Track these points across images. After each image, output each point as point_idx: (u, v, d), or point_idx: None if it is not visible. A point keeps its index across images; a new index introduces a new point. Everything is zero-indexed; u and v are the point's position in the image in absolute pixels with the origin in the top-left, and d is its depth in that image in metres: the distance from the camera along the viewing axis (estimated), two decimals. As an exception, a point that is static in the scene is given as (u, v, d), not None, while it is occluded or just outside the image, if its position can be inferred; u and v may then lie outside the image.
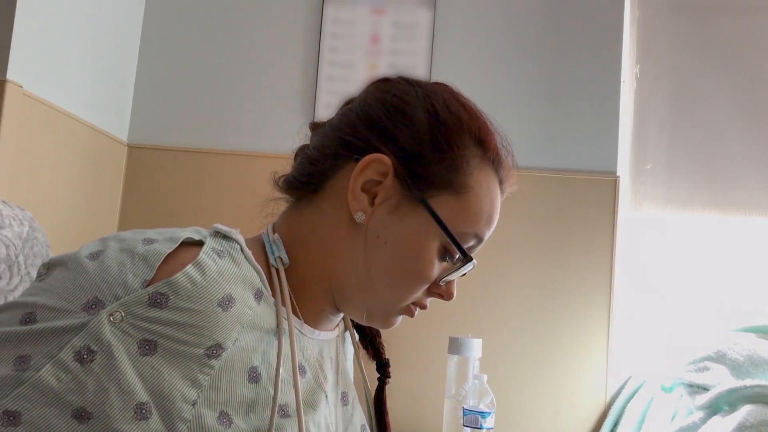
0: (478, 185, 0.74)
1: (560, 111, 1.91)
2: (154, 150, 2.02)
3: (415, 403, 1.82)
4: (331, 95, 1.97)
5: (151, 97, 2.06)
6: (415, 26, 1.96)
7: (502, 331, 1.83)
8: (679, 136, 1.96)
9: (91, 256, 0.62)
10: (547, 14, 1.95)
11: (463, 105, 0.76)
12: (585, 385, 1.79)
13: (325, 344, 0.80)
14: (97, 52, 1.87)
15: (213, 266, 0.63)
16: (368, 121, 0.74)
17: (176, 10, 2.08)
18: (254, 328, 0.65)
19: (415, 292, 0.74)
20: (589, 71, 1.91)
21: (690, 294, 1.88)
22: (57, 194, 1.73)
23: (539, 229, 1.85)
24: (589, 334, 1.80)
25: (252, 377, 0.64)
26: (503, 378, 1.77)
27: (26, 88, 1.56)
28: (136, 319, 0.58)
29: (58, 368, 0.56)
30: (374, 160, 0.72)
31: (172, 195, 1.99)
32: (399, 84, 0.77)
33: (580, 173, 1.87)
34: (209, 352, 0.60)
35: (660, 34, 1.99)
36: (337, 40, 1.99)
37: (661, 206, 1.94)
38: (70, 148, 1.76)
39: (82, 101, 1.81)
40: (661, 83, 1.98)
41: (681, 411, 1.61)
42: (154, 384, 0.57)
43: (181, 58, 2.06)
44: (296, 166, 0.80)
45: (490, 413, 1.44)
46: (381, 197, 0.73)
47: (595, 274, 1.82)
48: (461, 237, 0.73)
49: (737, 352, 1.60)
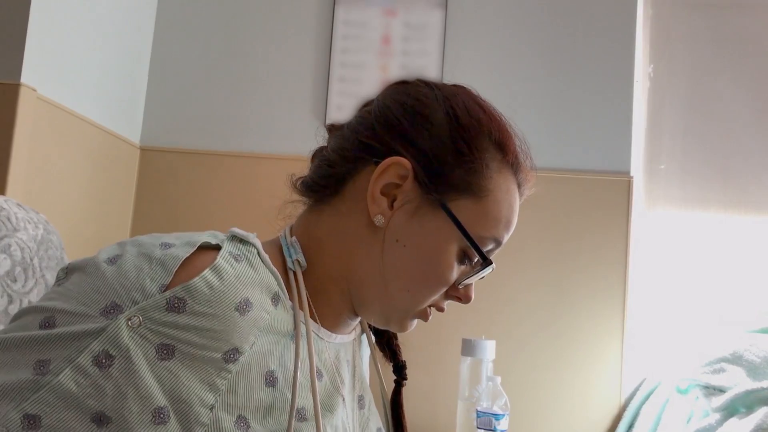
0: (498, 189, 0.73)
1: (573, 111, 1.90)
2: (167, 152, 2.03)
3: (429, 405, 1.81)
4: (342, 96, 1.97)
5: (164, 100, 2.06)
6: (427, 27, 1.96)
7: (516, 333, 1.82)
8: (693, 135, 1.95)
9: (110, 260, 0.62)
10: (559, 14, 1.94)
11: (483, 108, 0.76)
12: (599, 387, 1.78)
13: (342, 348, 0.79)
14: (110, 56, 1.88)
15: (230, 270, 0.63)
16: (388, 123, 0.74)
17: (188, 14, 2.08)
18: (271, 332, 0.65)
19: (434, 295, 0.74)
20: (602, 71, 1.90)
21: (705, 294, 1.86)
22: (71, 197, 1.74)
23: (553, 230, 1.85)
24: (604, 335, 1.79)
25: (269, 381, 0.64)
26: (517, 380, 1.77)
27: (40, 91, 1.57)
28: (154, 323, 0.58)
29: (77, 372, 0.56)
30: (394, 163, 0.72)
31: (185, 197, 2.00)
32: (418, 86, 0.77)
33: (594, 173, 1.86)
34: (227, 356, 0.60)
35: (673, 33, 1.98)
36: (348, 41, 1.99)
37: (675, 206, 1.93)
38: (84, 151, 1.77)
39: (95, 104, 1.82)
40: (674, 82, 1.97)
41: (697, 413, 1.60)
42: (172, 388, 0.58)
43: (193, 60, 2.07)
44: (314, 168, 0.80)
45: (504, 415, 1.44)
46: (400, 200, 0.73)
47: (609, 275, 1.81)
48: (480, 240, 0.73)
49: (754, 354, 1.59)
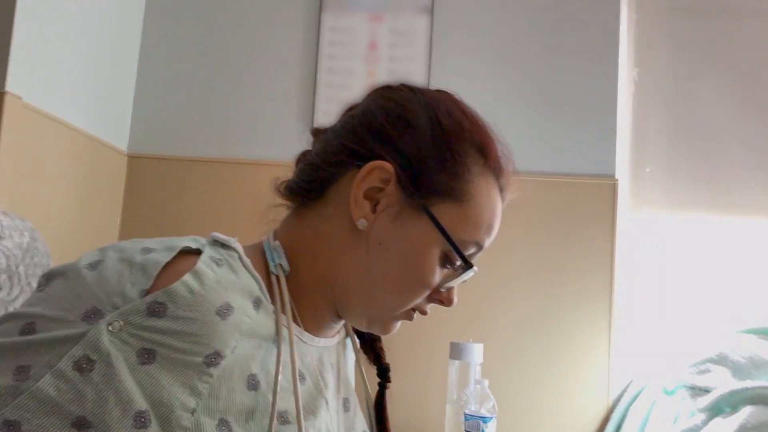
0: (480, 193, 0.74)
1: (559, 115, 1.91)
2: (154, 159, 2.03)
3: (417, 408, 1.82)
4: (329, 102, 1.97)
5: (151, 107, 2.06)
6: (413, 33, 1.97)
7: (504, 336, 1.83)
8: (678, 138, 1.96)
9: (90, 266, 0.63)
10: (544, 19, 1.95)
11: (465, 113, 0.76)
12: (587, 389, 1.79)
13: (326, 351, 0.80)
14: (97, 63, 1.88)
15: (211, 275, 0.63)
16: (371, 128, 0.75)
17: (175, 20, 2.09)
18: (253, 336, 0.66)
19: (416, 299, 0.75)
20: (586, 75, 1.92)
21: (691, 296, 1.88)
22: (58, 205, 1.73)
23: (539, 233, 1.86)
24: (591, 337, 1.80)
25: (251, 385, 0.64)
26: (505, 383, 1.77)
27: (26, 99, 1.57)
28: (135, 328, 0.59)
29: (57, 378, 0.56)
30: (377, 167, 0.72)
31: (173, 204, 2.00)
32: (401, 91, 0.78)
33: (580, 177, 1.87)
34: (208, 360, 0.61)
35: (657, 38, 2.00)
36: (335, 47, 1.99)
37: (660, 209, 1.95)
38: (71, 158, 1.77)
39: (82, 112, 1.81)
40: (658, 86, 1.99)
41: (683, 413, 1.61)
42: (153, 392, 0.58)
43: (180, 67, 2.07)
44: (298, 172, 0.80)
45: (492, 418, 1.44)
46: (383, 204, 0.73)
47: (595, 278, 1.82)
48: (462, 244, 0.73)
49: (738, 354, 1.60)
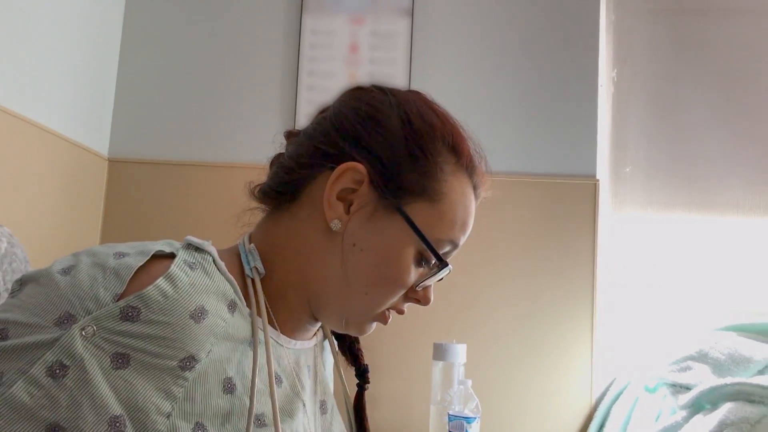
0: (453, 191, 0.75)
1: (539, 116, 1.92)
2: (135, 164, 2.02)
3: (401, 409, 1.82)
4: (311, 105, 1.97)
5: (131, 111, 2.05)
6: (394, 35, 1.97)
7: (486, 336, 1.83)
8: (658, 138, 1.98)
9: (63, 271, 0.62)
10: (524, 21, 1.97)
11: (436, 112, 0.77)
12: (570, 388, 1.80)
13: (302, 353, 0.80)
14: (76, 66, 1.87)
15: (185, 278, 0.63)
16: (342, 129, 0.75)
17: (155, 24, 2.08)
18: (228, 339, 0.66)
19: (392, 298, 0.75)
20: (566, 76, 1.93)
21: (672, 294, 1.89)
22: (37, 210, 1.72)
23: (521, 234, 1.86)
24: (573, 336, 1.81)
25: (227, 388, 0.64)
26: (488, 383, 1.78)
27: (2, 103, 1.55)
28: (108, 332, 0.58)
29: (30, 384, 0.56)
30: (349, 169, 0.73)
31: (154, 208, 1.99)
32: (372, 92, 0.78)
33: (561, 177, 1.88)
34: (183, 364, 0.60)
35: (636, 38, 2.02)
36: (316, 50, 1.99)
37: (641, 208, 1.96)
38: (50, 163, 1.76)
39: (61, 116, 1.80)
40: (638, 87, 2.00)
41: (665, 411, 1.62)
42: (128, 397, 0.57)
43: (161, 71, 2.06)
44: (272, 175, 0.80)
45: (476, 418, 1.44)
46: (356, 205, 0.73)
47: (577, 277, 1.83)
48: (437, 243, 0.74)
49: (719, 351, 1.62)
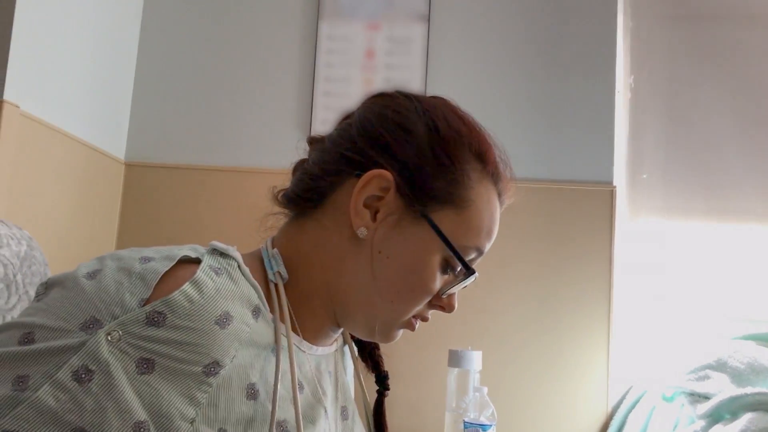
0: (479, 199, 0.74)
1: (556, 122, 1.92)
2: (152, 168, 2.02)
3: (416, 416, 1.81)
4: (327, 111, 1.98)
5: (148, 116, 2.06)
6: (410, 41, 1.97)
7: (502, 344, 1.82)
8: (675, 145, 1.97)
9: (89, 275, 0.62)
10: (541, 26, 1.96)
11: (463, 119, 0.76)
12: (586, 396, 1.79)
13: (323, 359, 0.80)
14: (94, 72, 1.88)
15: (210, 284, 0.63)
16: (369, 136, 0.75)
17: (172, 29, 2.09)
18: (252, 345, 0.66)
19: (418, 306, 0.75)
20: (583, 82, 1.92)
21: (689, 302, 1.88)
22: (55, 213, 1.73)
23: (537, 241, 1.86)
24: (590, 344, 1.80)
25: (250, 394, 0.64)
26: (504, 390, 1.77)
27: (23, 108, 1.57)
28: (134, 338, 0.58)
29: (56, 388, 0.56)
30: (376, 176, 0.72)
31: (170, 212, 1.99)
32: (397, 99, 0.77)
33: (577, 184, 1.87)
34: (207, 369, 0.60)
35: (654, 44, 2.01)
36: (332, 55, 2.00)
37: (658, 215, 1.95)
38: (68, 167, 1.77)
39: (80, 121, 1.81)
40: (655, 93, 1.99)
41: (683, 420, 1.60)
42: (152, 402, 0.57)
43: (177, 76, 2.07)
44: (296, 181, 0.80)
45: (491, 425, 1.44)
46: (383, 213, 0.73)
47: (593, 285, 1.82)
48: (463, 250, 0.73)
49: (738, 360, 1.60)
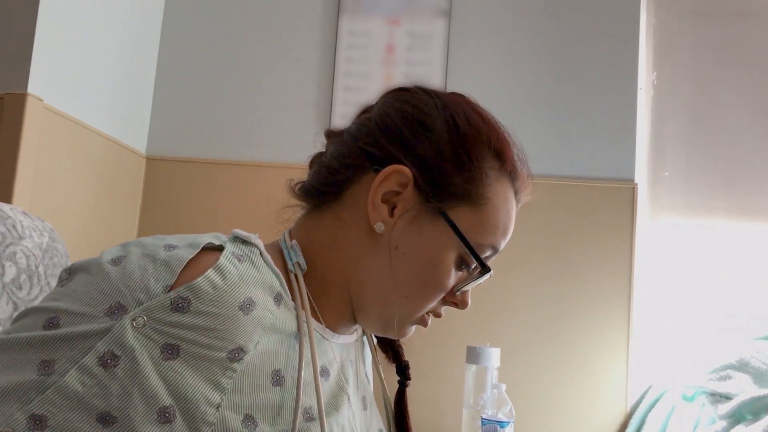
0: (496, 197, 0.74)
1: (577, 119, 1.91)
2: (172, 162, 2.04)
3: (433, 412, 1.81)
4: (346, 106, 1.98)
5: (169, 110, 2.08)
6: (431, 36, 1.97)
7: (521, 341, 1.81)
8: (698, 142, 1.95)
9: (113, 261, 0.63)
10: (563, 22, 1.95)
11: (482, 116, 0.76)
12: (605, 395, 1.77)
13: (345, 348, 0.80)
14: (116, 66, 1.90)
15: (233, 270, 0.63)
16: (388, 131, 0.75)
17: (193, 24, 2.10)
18: (275, 331, 0.66)
19: (432, 302, 0.75)
20: (605, 79, 1.91)
21: (711, 302, 1.86)
22: (76, 206, 1.74)
23: (557, 237, 1.85)
24: (609, 342, 1.78)
25: (276, 380, 0.64)
26: (522, 387, 1.76)
27: (46, 101, 1.58)
28: (159, 323, 0.59)
29: (82, 373, 0.56)
30: (394, 171, 0.72)
31: (191, 206, 2.01)
32: (417, 94, 0.77)
33: (598, 181, 1.86)
34: (231, 355, 0.60)
35: (676, 41, 1.99)
36: (352, 50, 2.00)
37: (679, 213, 1.93)
38: (90, 160, 1.78)
39: (102, 114, 1.83)
40: (678, 90, 1.97)
41: (703, 420, 1.59)
42: (178, 388, 0.58)
43: (198, 71, 2.08)
44: (313, 174, 0.80)
45: (509, 423, 1.43)
46: (400, 208, 0.73)
47: (614, 282, 1.80)
48: (479, 248, 0.73)
49: (760, 361, 1.59)
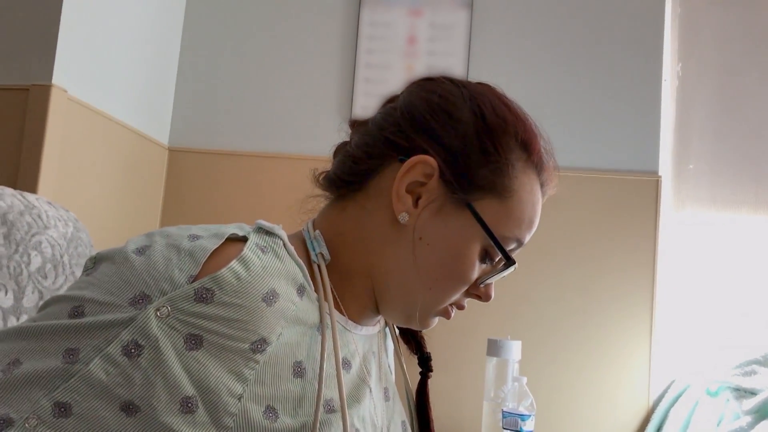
0: (522, 189, 0.73)
1: (601, 111, 1.89)
2: (194, 153, 2.05)
3: (454, 405, 1.81)
4: (368, 97, 1.97)
5: (191, 102, 2.09)
6: (452, 27, 1.95)
7: (543, 334, 1.80)
8: (723, 134, 1.92)
9: (138, 251, 0.63)
10: (586, 12, 1.93)
11: (509, 107, 0.75)
12: (627, 389, 1.76)
13: (368, 339, 0.80)
14: (139, 58, 1.91)
15: (257, 261, 0.63)
16: (413, 121, 0.74)
17: (215, 16, 2.11)
18: (298, 323, 0.66)
19: (455, 294, 0.74)
20: (629, 70, 1.89)
21: (735, 296, 1.83)
22: (100, 196, 1.76)
23: (581, 230, 1.83)
24: (632, 336, 1.77)
25: (297, 372, 0.64)
26: (543, 381, 1.75)
27: (71, 92, 1.60)
28: (183, 314, 0.59)
29: (106, 362, 0.57)
30: (420, 162, 0.71)
31: (213, 197, 2.02)
32: (444, 84, 0.76)
33: (622, 173, 1.84)
34: (254, 346, 0.61)
35: (702, 31, 1.95)
36: (373, 42, 1.99)
37: (704, 206, 1.91)
38: (113, 151, 1.80)
39: (125, 106, 1.84)
40: (703, 81, 1.94)
41: (727, 416, 1.57)
42: (200, 378, 0.58)
43: (220, 62, 2.09)
44: (337, 163, 0.80)
45: (530, 416, 1.43)
46: (425, 199, 0.72)
47: (637, 276, 1.79)
48: (503, 240, 0.72)
49: (786, 356, 1.57)
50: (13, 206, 1.06)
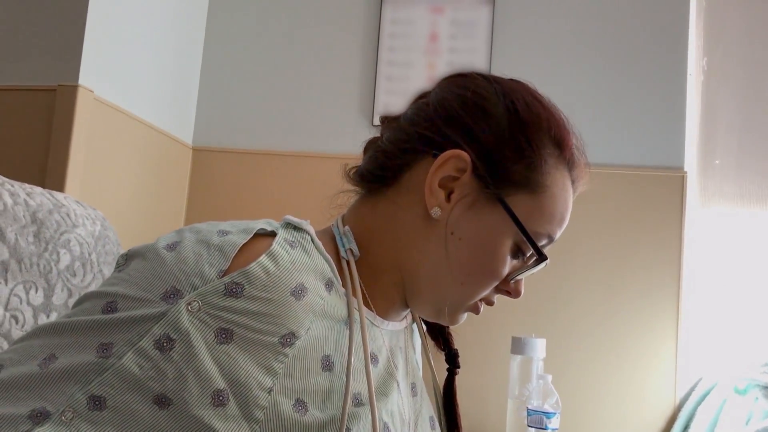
0: (554, 185, 0.73)
1: (626, 106, 1.87)
2: (218, 152, 2.06)
3: (478, 403, 1.80)
4: (390, 95, 1.97)
5: (215, 101, 2.10)
6: (474, 24, 1.95)
7: (567, 331, 1.79)
8: (749, 129, 1.90)
9: (168, 247, 0.64)
10: (610, 7, 1.91)
11: (542, 103, 0.75)
12: (653, 387, 1.74)
13: (395, 335, 0.80)
14: (164, 59, 1.93)
15: (285, 256, 0.64)
16: (447, 116, 0.74)
17: (238, 16, 2.12)
18: (326, 317, 0.66)
19: (486, 289, 0.74)
20: (654, 65, 1.87)
21: (763, 292, 1.81)
22: (126, 195, 1.78)
23: (605, 226, 1.82)
24: (658, 333, 1.75)
25: (325, 366, 0.65)
26: (568, 379, 1.74)
27: (97, 93, 1.62)
28: (213, 308, 0.59)
29: (139, 356, 0.57)
30: (453, 156, 0.72)
31: (236, 196, 2.03)
32: (477, 80, 0.76)
33: (647, 169, 1.82)
34: (283, 340, 0.61)
35: (728, 25, 1.93)
36: (395, 39, 1.99)
37: (730, 202, 1.88)
38: (138, 150, 1.82)
39: (150, 106, 1.86)
40: (729, 76, 1.92)
41: (756, 414, 1.55)
42: (231, 371, 0.59)
43: (243, 62, 2.10)
44: (368, 159, 0.80)
45: (555, 414, 1.42)
46: (458, 194, 0.72)
47: (663, 272, 1.77)
48: (535, 236, 0.73)
49: (816, 353, 1.54)
50: (43, 205, 1.08)
